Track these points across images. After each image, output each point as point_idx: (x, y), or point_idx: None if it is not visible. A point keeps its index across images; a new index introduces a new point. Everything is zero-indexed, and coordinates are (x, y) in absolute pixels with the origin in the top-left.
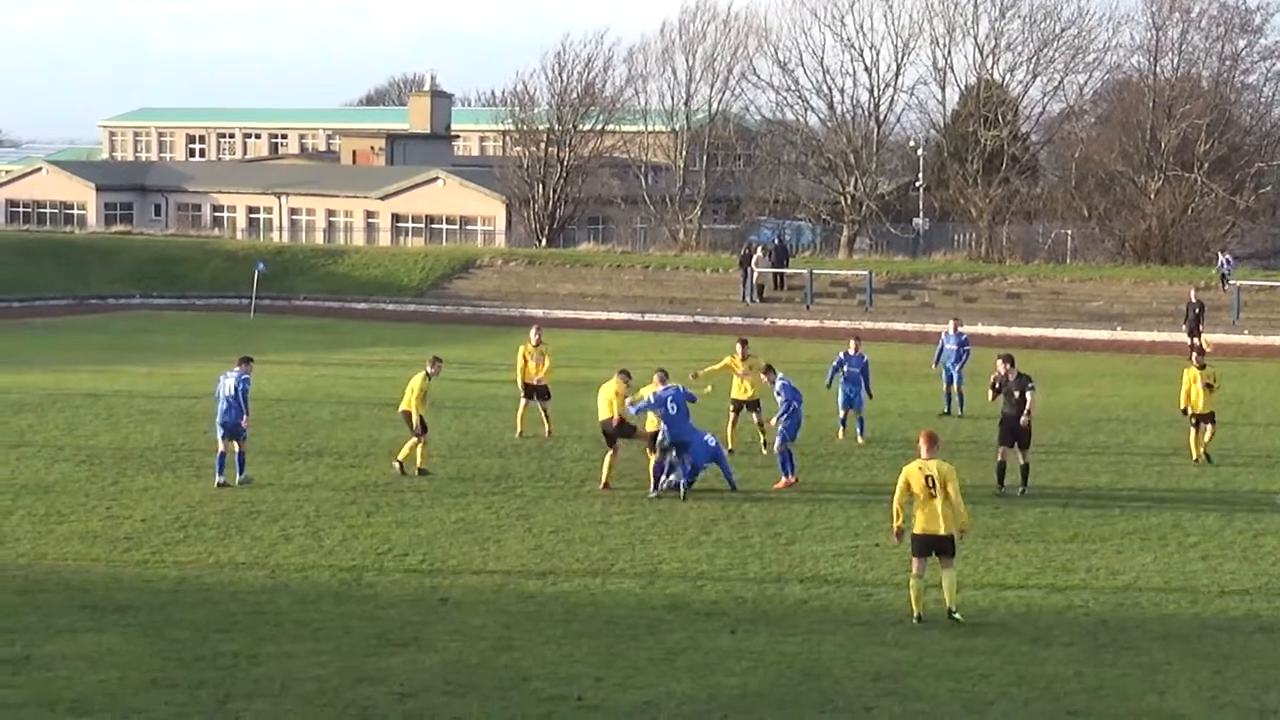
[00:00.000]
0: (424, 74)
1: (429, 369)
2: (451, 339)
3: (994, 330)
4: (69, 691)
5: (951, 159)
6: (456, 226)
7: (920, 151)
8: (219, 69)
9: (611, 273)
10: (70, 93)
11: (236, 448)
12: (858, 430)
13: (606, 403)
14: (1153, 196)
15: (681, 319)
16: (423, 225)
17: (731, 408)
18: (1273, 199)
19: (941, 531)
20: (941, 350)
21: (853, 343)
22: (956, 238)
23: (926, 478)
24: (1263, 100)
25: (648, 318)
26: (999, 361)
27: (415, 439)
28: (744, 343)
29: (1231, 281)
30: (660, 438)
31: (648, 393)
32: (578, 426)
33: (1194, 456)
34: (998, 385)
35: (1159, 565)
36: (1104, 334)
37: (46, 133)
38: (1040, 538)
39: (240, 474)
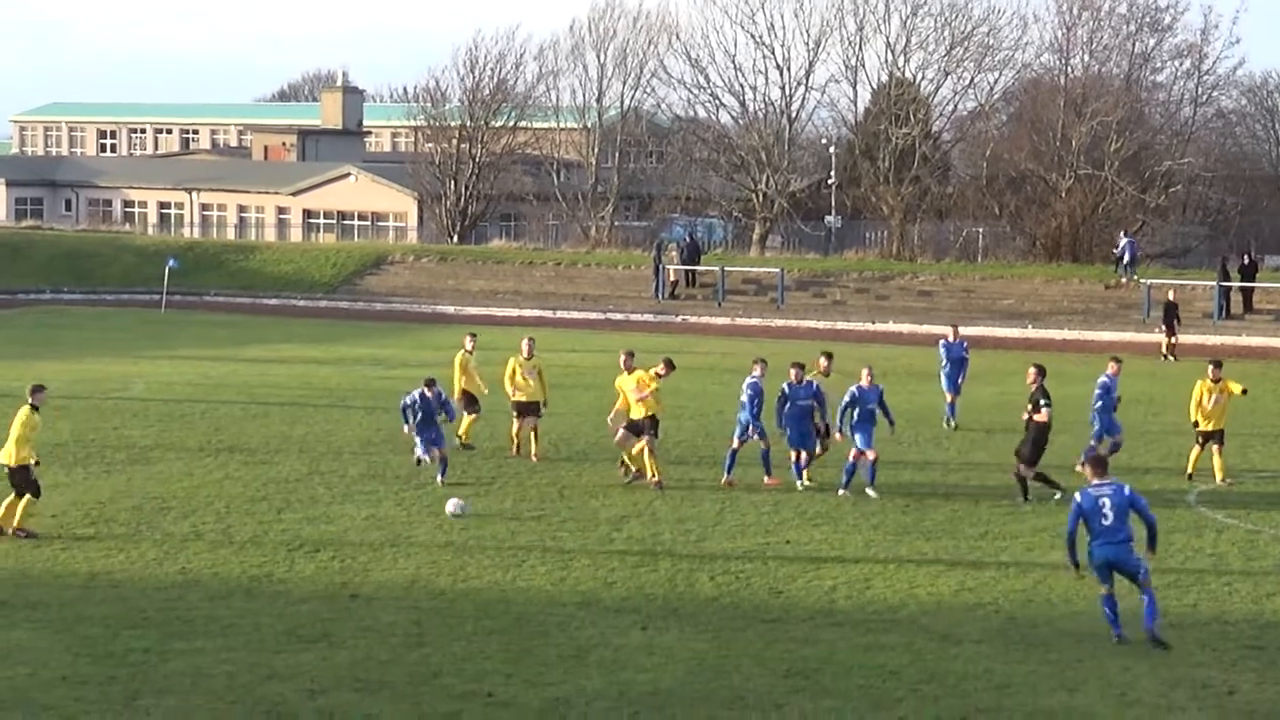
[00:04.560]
0: (336, 70)
1: (468, 346)
2: (363, 335)
3: (905, 328)
4: None
5: (863, 157)
6: (368, 223)
7: (832, 149)
8: (130, 64)
9: (523, 269)
10: None
11: None
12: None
13: (638, 399)
14: (1063, 195)
15: (593, 316)
16: (334, 221)
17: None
18: (1182, 197)
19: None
20: (945, 359)
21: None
22: (868, 235)
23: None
24: (1172, 99)
25: (559, 314)
26: (1031, 370)
27: (468, 416)
28: (630, 354)
29: (1138, 278)
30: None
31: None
32: (490, 424)
33: (1189, 473)
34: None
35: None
36: (1015, 332)
37: None
38: (951, 535)
39: None
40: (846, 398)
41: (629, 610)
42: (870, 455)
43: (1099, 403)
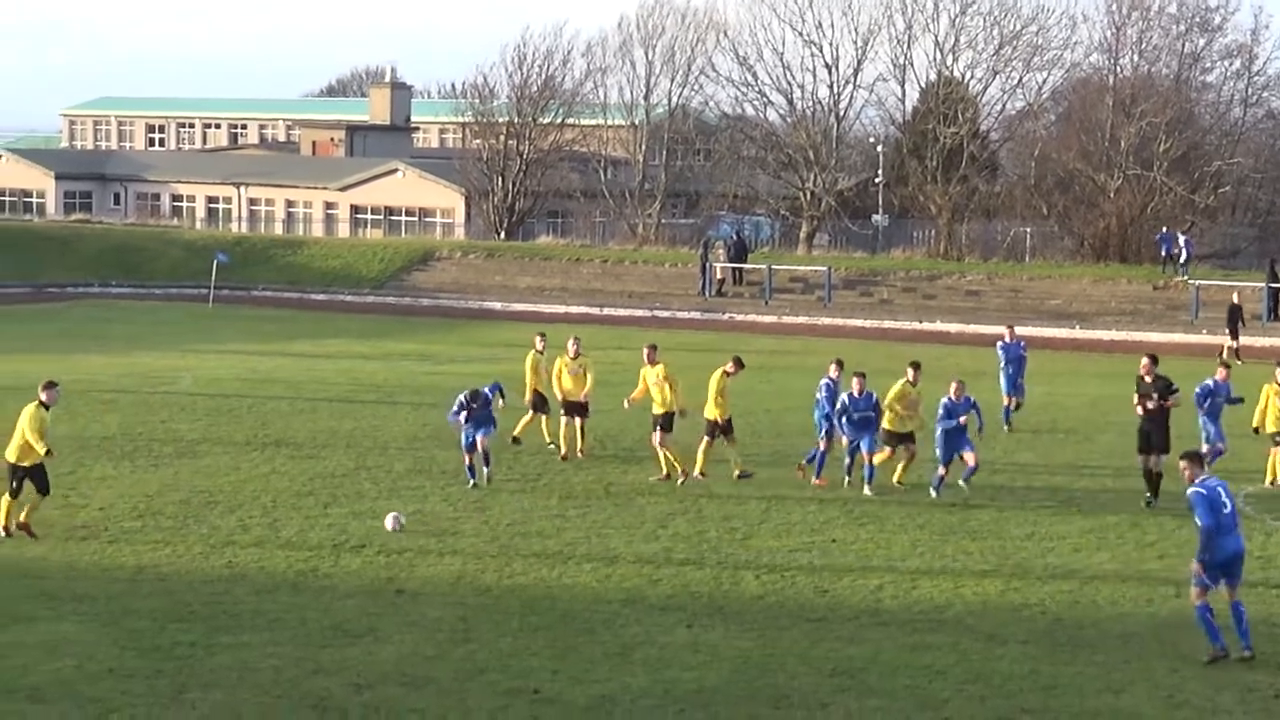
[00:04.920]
0: (384, 66)
1: (538, 346)
2: (410, 331)
3: (952, 328)
4: (26, 680)
5: (911, 156)
6: (416, 218)
7: (880, 148)
8: (180, 59)
9: (570, 266)
10: (30, 81)
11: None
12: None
13: (715, 397)
14: (1112, 195)
15: (640, 313)
16: (382, 217)
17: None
18: (1231, 198)
19: None
20: (1004, 360)
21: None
22: (915, 234)
23: None
24: (1222, 99)
25: (605, 311)
26: (1144, 360)
27: (531, 414)
28: (653, 347)
29: (1190, 280)
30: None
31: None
32: (538, 421)
33: (1272, 479)
34: (1140, 387)
35: (1116, 564)
36: (1062, 332)
37: (5, 121)
38: (997, 535)
39: None
40: (940, 410)
41: (674, 608)
42: (970, 460)
43: (1205, 403)
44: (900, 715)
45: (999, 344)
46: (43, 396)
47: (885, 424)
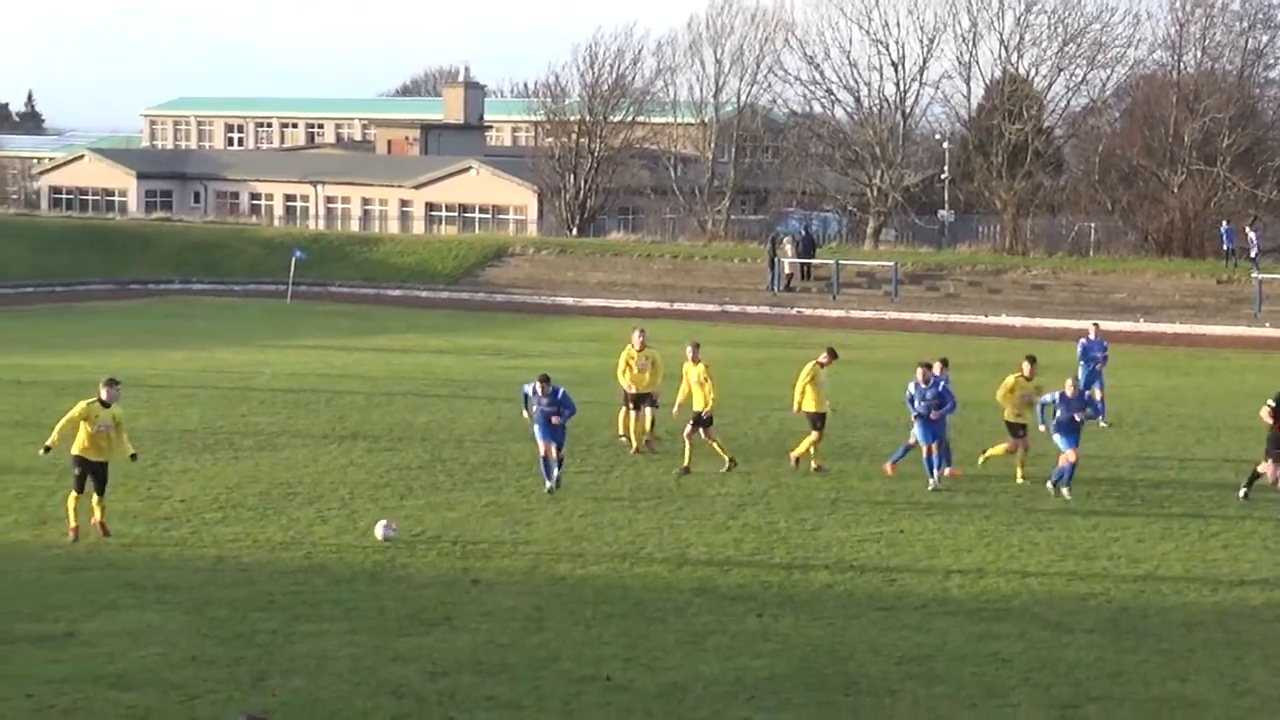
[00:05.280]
0: (458, 66)
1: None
2: (484, 326)
3: (1017, 321)
4: (111, 667)
5: (976, 152)
6: (489, 215)
7: (945, 145)
8: (258, 60)
9: (641, 262)
10: (111, 82)
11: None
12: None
13: (802, 390)
14: (1175, 190)
15: (710, 308)
16: (456, 214)
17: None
18: None
19: None
20: (1083, 356)
21: (938, 365)
22: (981, 230)
23: None
24: None
25: (676, 306)
26: None
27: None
28: (696, 345)
29: (1258, 274)
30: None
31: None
32: (608, 411)
33: None
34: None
35: (1180, 553)
36: (1127, 326)
37: (89, 121)
38: (1063, 525)
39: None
40: (1049, 397)
41: (745, 597)
42: (1071, 457)
43: None
44: (967, 702)
45: (1081, 341)
46: (102, 394)
47: (1006, 416)
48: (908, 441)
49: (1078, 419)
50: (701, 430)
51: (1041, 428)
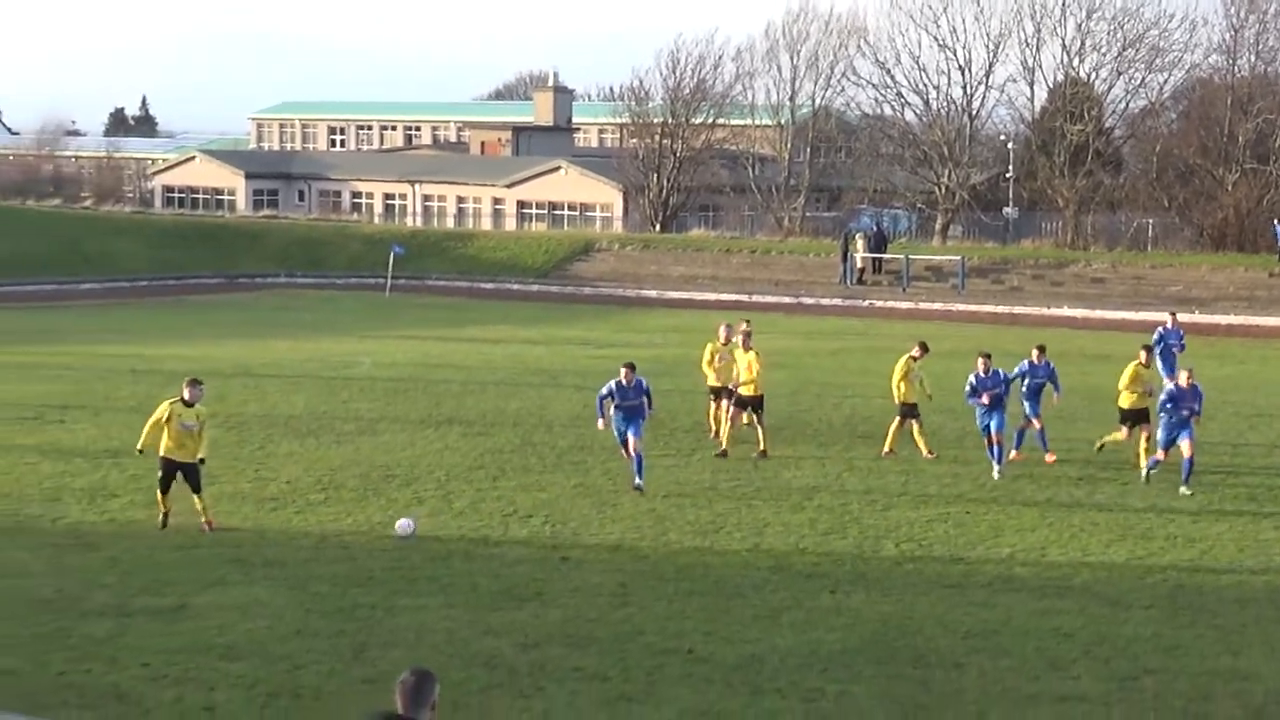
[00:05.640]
0: (548, 71)
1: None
2: (572, 318)
3: (1078, 313)
4: (221, 639)
5: (1039, 152)
6: (577, 213)
7: (1010, 145)
8: (358, 66)
9: (721, 256)
10: (221, 88)
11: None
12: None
13: (899, 382)
14: (1229, 188)
15: (786, 300)
16: (545, 211)
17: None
18: None
19: None
20: (1161, 344)
21: (1035, 352)
22: (1044, 226)
23: None
24: None
25: (754, 298)
26: None
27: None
28: (747, 334)
29: None
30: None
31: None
32: (690, 401)
33: None
34: None
35: (1234, 534)
36: (1182, 317)
37: (199, 125)
38: (1121, 507)
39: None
40: (1164, 396)
41: (819, 575)
42: (1186, 450)
43: None
44: (1031, 675)
45: (1158, 330)
46: (185, 394)
47: (1121, 404)
48: (1020, 425)
49: (1185, 413)
50: (746, 413)
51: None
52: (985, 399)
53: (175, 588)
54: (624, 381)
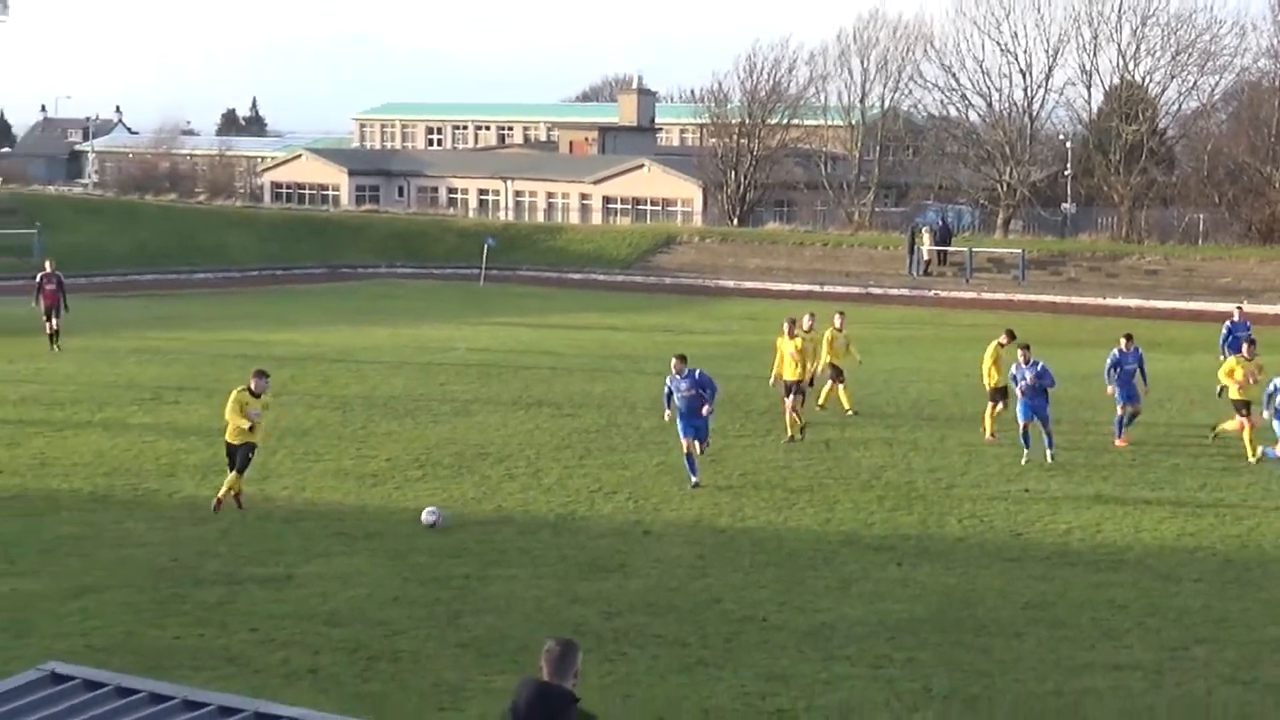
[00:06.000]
0: (632, 74)
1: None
2: (655, 306)
3: (1133, 303)
4: (324, 606)
5: (1096, 151)
6: (659, 208)
7: (1068, 144)
8: (454, 69)
9: (794, 249)
10: (326, 90)
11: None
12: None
13: (990, 368)
14: (1277, 185)
15: (855, 290)
16: (630, 206)
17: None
18: None
19: None
20: (1229, 337)
21: (1123, 340)
22: (1100, 220)
23: None
24: None
25: (826, 289)
26: None
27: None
28: (792, 321)
29: None
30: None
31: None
32: (763, 385)
33: None
34: None
35: None
36: (1232, 307)
37: (306, 125)
38: (1173, 485)
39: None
40: (1270, 388)
41: (886, 548)
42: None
43: None
44: (1086, 644)
45: (1227, 323)
46: (252, 385)
47: (1232, 395)
48: (1118, 413)
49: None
50: (791, 397)
51: (1265, 414)
52: (1020, 389)
53: (282, 558)
54: (675, 372)
